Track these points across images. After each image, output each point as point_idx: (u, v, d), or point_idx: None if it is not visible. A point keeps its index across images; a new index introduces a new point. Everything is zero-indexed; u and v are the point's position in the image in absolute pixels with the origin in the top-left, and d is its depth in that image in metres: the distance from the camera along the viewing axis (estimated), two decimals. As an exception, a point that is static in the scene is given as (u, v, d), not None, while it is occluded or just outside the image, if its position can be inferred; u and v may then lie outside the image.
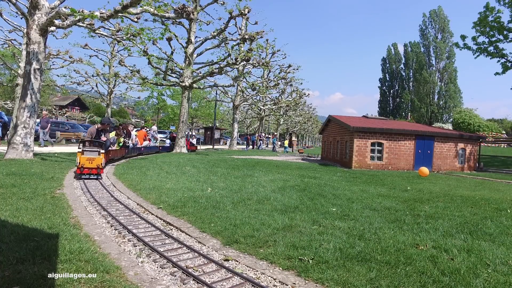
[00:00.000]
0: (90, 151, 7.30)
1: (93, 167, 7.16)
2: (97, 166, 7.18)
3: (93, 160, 7.18)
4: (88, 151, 7.28)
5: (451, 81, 60.87)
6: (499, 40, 17.25)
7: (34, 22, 9.27)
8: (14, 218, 3.55)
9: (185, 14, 12.55)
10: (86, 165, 7.10)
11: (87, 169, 7.11)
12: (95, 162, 7.18)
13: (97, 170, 7.18)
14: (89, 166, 7.12)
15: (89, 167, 7.13)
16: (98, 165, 7.17)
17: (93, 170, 7.15)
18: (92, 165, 7.16)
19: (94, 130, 8.86)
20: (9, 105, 34.05)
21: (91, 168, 7.14)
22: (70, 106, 57.16)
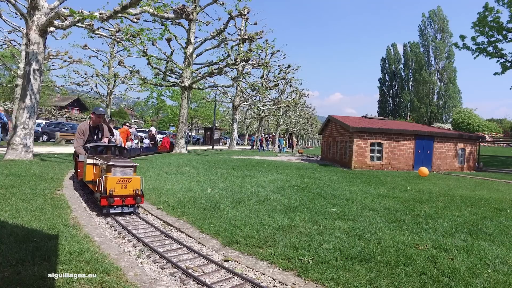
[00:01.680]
0: (121, 166, 4.49)
1: (129, 194, 4.47)
2: (135, 192, 4.51)
3: (128, 182, 4.47)
4: (118, 166, 4.46)
5: (451, 81, 60.93)
6: (498, 40, 17.27)
7: (33, 23, 9.27)
8: (14, 219, 3.54)
9: (184, 15, 12.56)
10: (117, 192, 4.37)
11: (119, 198, 4.39)
12: (131, 186, 4.49)
13: (134, 199, 4.53)
14: (122, 192, 4.42)
15: (123, 194, 4.43)
16: (136, 190, 4.51)
17: (128, 199, 4.47)
18: (127, 191, 4.46)
19: (87, 127, 6.45)
20: (8, 106, 34.04)
21: (125, 197, 4.44)
22: (69, 107, 57.15)
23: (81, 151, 6.04)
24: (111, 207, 4.39)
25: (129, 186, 4.47)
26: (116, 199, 4.36)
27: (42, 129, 25.18)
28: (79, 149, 6.17)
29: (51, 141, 24.42)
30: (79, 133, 6.43)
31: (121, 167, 4.49)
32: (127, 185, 4.45)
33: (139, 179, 4.57)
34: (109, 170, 4.39)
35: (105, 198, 4.28)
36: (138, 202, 4.58)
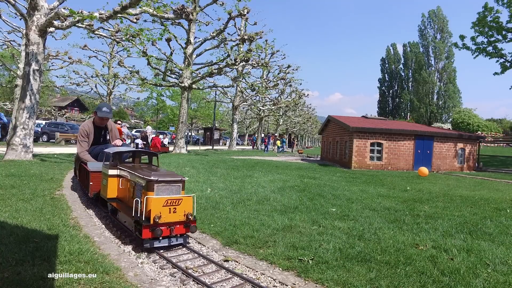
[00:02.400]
0: (167, 181, 3.33)
1: (179, 220, 3.29)
2: (187, 217, 3.31)
3: (177, 204, 3.27)
4: (163, 182, 3.30)
5: (450, 81, 60.98)
6: (498, 40, 17.29)
7: (33, 23, 9.27)
8: (14, 219, 3.54)
9: (184, 15, 12.56)
10: (164, 218, 3.19)
11: (166, 227, 3.21)
12: (181, 209, 3.30)
13: (185, 228, 3.33)
14: (170, 219, 3.23)
15: (171, 221, 3.24)
16: (188, 215, 3.32)
17: (177, 228, 3.28)
18: (177, 216, 3.28)
19: (91, 128, 5.51)
20: (8, 106, 34.03)
21: (173, 224, 3.25)
22: (69, 107, 57.16)
23: (87, 157, 5.20)
24: (155, 240, 3.18)
25: (179, 210, 3.24)
26: (163, 228, 3.15)
27: (42, 130, 25.18)
28: (84, 154, 5.25)
29: (51, 141, 24.42)
30: (82, 135, 5.35)
31: (166, 183, 3.29)
32: (176, 209, 3.23)
33: (191, 200, 3.35)
34: (150, 188, 3.19)
35: (148, 228, 3.06)
36: (192, 231, 3.32)
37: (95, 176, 4.54)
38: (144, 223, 3.09)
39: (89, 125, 5.51)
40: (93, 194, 4.56)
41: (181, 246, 3.42)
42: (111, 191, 4.04)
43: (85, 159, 5.18)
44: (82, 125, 5.54)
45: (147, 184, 3.26)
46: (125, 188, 3.89)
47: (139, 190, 3.42)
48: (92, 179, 4.55)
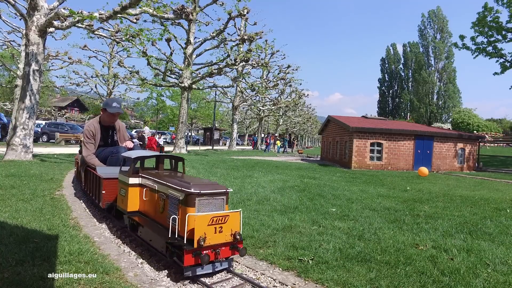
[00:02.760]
0: (210, 194, 2.75)
1: (226, 241, 2.74)
2: (234, 238, 2.76)
3: (223, 221, 2.71)
4: (206, 194, 2.72)
5: (450, 81, 61.01)
6: (497, 40, 17.30)
7: (33, 23, 9.27)
8: (14, 219, 3.54)
9: (184, 15, 12.57)
10: (210, 240, 2.64)
11: (211, 250, 2.65)
12: (228, 228, 2.74)
13: (232, 250, 2.78)
14: (216, 240, 2.68)
15: (217, 243, 2.69)
16: (235, 234, 2.76)
17: (223, 250, 2.73)
18: (223, 237, 2.73)
19: (97, 127, 4.80)
20: (8, 107, 34.03)
21: (219, 246, 2.70)
22: (69, 107, 57.19)
23: (95, 162, 4.56)
24: (198, 266, 2.61)
25: (225, 229, 2.66)
26: (208, 252, 2.59)
27: (42, 130, 25.18)
28: (91, 158, 4.60)
29: (50, 141, 24.42)
30: (87, 136, 4.66)
31: (209, 196, 2.70)
32: (222, 227, 2.65)
33: (239, 216, 2.75)
34: (190, 203, 2.61)
35: (191, 253, 2.53)
36: (241, 254, 2.72)
37: (109, 184, 3.87)
38: (186, 247, 2.50)
39: (95, 124, 4.75)
40: (106, 204, 3.88)
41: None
42: (132, 204, 3.41)
43: (92, 164, 4.53)
44: (87, 124, 4.80)
45: (186, 198, 2.64)
46: (150, 201, 3.26)
47: (174, 205, 2.80)
48: (105, 187, 3.85)
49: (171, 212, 2.83)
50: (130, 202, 3.40)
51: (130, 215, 3.39)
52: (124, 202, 3.47)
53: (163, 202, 3.02)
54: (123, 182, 3.55)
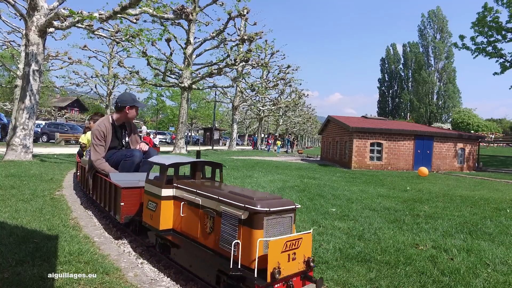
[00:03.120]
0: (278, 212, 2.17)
1: (299, 269, 2.15)
2: (308, 265, 2.18)
3: (296, 247, 2.11)
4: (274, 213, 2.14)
5: (450, 81, 61.05)
6: (497, 40, 17.31)
7: (33, 24, 9.27)
8: (13, 219, 3.54)
9: (184, 15, 12.57)
10: (284, 270, 2.02)
11: (283, 283, 2.06)
12: (301, 253, 2.15)
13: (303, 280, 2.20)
14: (289, 270, 2.07)
15: (291, 273, 2.09)
16: (307, 261, 2.19)
17: (295, 281, 2.14)
18: (296, 265, 2.13)
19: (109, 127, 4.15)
20: (8, 107, 34.03)
21: (292, 277, 2.11)
22: (69, 108, 57.19)
23: (106, 167, 3.97)
24: None
25: (298, 255, 2.15)
26: (279, 286, 2.07)
27: (42, 130, 25.20)
28: (101, 163, 4.01)
29: (50, 141, 24.43)
30: (97, 138, 4.02)
31: (278, 214, 2.19)
32: (295, 254, 2.13)
33: (310, 238, 2.25)
34: (257, 224, 2.10)
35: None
36: (319, 286, 2.14)
37: (129, 195, 3.31)
38: (257, 282, 1.96)
39: (107, 124, 4.10)
40: (125, 219, 3.29)
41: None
42: (165, 220, 2.83)
43: (103, 169, 3.97)
44: (97, 124, 4.16)
45: (252, 218, 2.08)
46: (191, 218, 2.67)
47: (231, 225, 2.24)
48: (124, 199, 3.27)
49: (226, 234, 2.27)
50: (163, 219, 2.82)
51: (162, 234, 2.81)
52: (155, 218, 2.87)
53: (211, 221, 2.45)
54: (152, 194, 2.93)
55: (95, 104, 34.47)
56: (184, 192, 2.77)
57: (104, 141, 4.08)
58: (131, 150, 4.13)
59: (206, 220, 2.52)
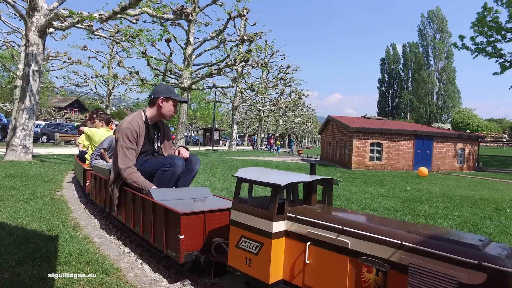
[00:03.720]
0: None
1: None
2: None
3: None
4: None
5: (450, 81, 61.07)
6: (497, 40, 17.32)
7: (32, 24, 9.27)
8: (13, 220, 3.54)
9: (183, 16, 12.57)
10: None
11: None
12: None
13: None
14: None
15: None
16: None
17: None
18: None
19: (142, 126, 3.20)
20: (8, 107, 34.04)
21: None
22: (69, 108, 57.20)
23: (139, 179, 3.00)
24: None
25: None
26: None
27: (42, 130, 25.21)
28: (132, 173, 3.03)
29: (50, 142, 24.44)
30: (129, 139, 3.07)
31: None
32: None
33: None
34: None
35: None
36: None
37: (191, 223, 2.37)
38: None
39: (139, 121, 3.14)
40: (185, 257, 2.37)
41: None
42: (276, 269, 1.91)
43: (135, 182, 2.98)
44: (128, 121, 3.11)
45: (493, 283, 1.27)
46: (324, 268, 1.76)
47: None
48: (184, 230, 2.33)
49: None
50: (274, 267, 1.88)
51: None
52: (257, 266, 1.93)
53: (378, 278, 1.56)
54: (251, 228, 1.98)
55: (95, 104, 34.47)
56: (310, 226, 1.84)
57: (136, 143, 3.10)
58: (171, 158, 3.10)
59: (366, 276, 1.61)
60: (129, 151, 3.06)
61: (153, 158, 3.26)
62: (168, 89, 3.28)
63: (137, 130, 3.11)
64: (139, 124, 3.14)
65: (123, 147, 3.05)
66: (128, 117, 3.21)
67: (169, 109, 3.25)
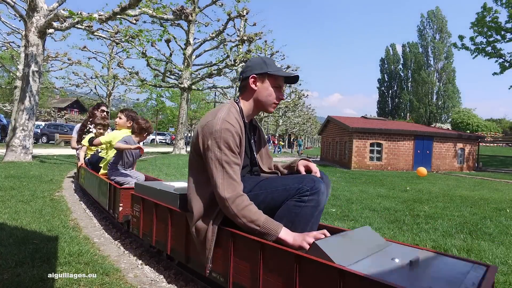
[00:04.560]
0: None
1: None
2: None
3: None
4: None
5: (450, 81, 61.06)
6: (496, 40, 17.33)
7: (32, 25, 9.27)
8: (13, 221, 3.54)
9: (183, 16, 12.58)
10: None
11: None
12: None
13: None
14: None
15: None
16: None
17: None
18: None
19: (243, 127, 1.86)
20: (7, 108, 34.03)
21: None
22: (69, 108, 57.18)
23: (264, 221, 1.64)
24: None
25: None
26: None
27: (42, 131, 25.20)
28: (247, 210, 1.68)
29: (50, 142, 24.43)
30: (230, 148, 1.75)
31: None
32: None
33: None
34: None
35: None
36: None
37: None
38: None
39: (239, 120, 1.88)
40: None
41: None
42: None
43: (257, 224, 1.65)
44: (220, 120, 1.79)
45: None
46: None
47: None
48: None
49: None
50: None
51: None
52: None
53: None
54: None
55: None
56: None
57: (237, 150, 1.82)
58: (304, 179, 1.81)
59: None
60: (233, 168, 1.74)
61: (263, 179, 1.92)
62: (264, 61, 1.96)
63: (239, 133, 1.82)
64: (239, 124, 1.85)
65: (224, 163, 1.73)
66: (217, 112, 1.85)
67: (268, 92, 1.93)
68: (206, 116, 1.91)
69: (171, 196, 2.33)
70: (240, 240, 1.73)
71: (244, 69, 2.02)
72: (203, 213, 1.88)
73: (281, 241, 1.61)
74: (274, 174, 2.17)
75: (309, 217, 1.80)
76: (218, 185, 1.73)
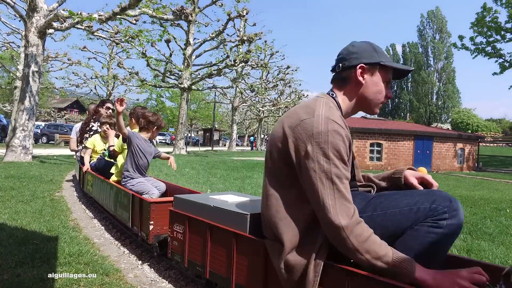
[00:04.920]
0: None
1: None
2: None
3: None
4: None
5: (450, 81, 61.12)
6: (496, 40, 17.34)
7: (32, 25, 9.27)
8: (13, 221, 3.54)
9: (183, 16, 12.59)
10: None
11: None
12: None
13: None
14: None
15: None
16: None
17: None
18: None
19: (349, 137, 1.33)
20: (7, 108, 34.04)
21: None
22: (69, 109, 57.19)
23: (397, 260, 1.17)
24: None
25: None
26: None
27: (41, 131, 25.19)
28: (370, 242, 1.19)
29: (50, 143, 24.43)
30: (341, 157, 1.25)
31: None
32: None
33: None
34: None
35: None
36: None
37: None
38: None
39: (343, 123, 1.32)
40: None
41: None
42: None
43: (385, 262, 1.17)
44: (324, 118, 1.28)
45: None
46: None
47: None
48: None
49: None
50: None
51: None
52: None
53: None
54: None
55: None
56: None
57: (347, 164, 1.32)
58: (434, 194, 1.33)
59: None
60: (344, 184, 1.28)
61: (374, 196, 1.47)
62: (374, 49, 1.52)
63: (350, 138, 1.38)
64: (343, 127, 1.34)
65: (334, 177, 1.26)
66: (313, 107, 1.37)
67: (378, 88, 1.50)
68: (294, 111, 1.41)
69: (237, 217, 1.71)
70: (361, 281, 1.19)
71: (347, 55, 1.52)
72: (298, 243, 1.36)
73: (417, 282, 1.16)
74: (367, 187, 1.67)
75: (445, 247, 1.37)
76: (328, 208, 1.24)
